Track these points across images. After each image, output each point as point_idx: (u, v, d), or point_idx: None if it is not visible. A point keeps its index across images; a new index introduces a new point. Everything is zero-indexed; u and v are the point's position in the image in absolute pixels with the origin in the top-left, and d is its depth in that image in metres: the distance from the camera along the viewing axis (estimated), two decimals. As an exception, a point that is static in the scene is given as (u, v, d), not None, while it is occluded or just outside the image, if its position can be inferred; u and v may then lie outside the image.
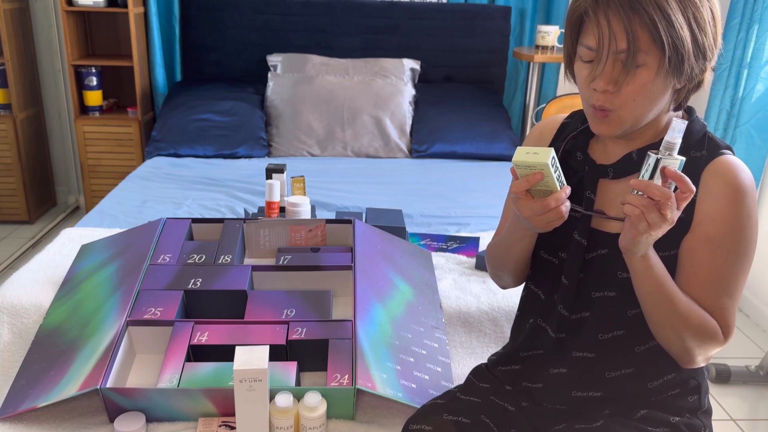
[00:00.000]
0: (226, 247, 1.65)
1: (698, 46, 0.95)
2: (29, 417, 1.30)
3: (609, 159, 1.10)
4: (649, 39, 0.93)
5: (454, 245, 1.94)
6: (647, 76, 0.95)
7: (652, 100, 0.98)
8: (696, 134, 1.05)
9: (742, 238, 1.00)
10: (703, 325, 1.01)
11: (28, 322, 1.53)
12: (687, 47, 0.93)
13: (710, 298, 1.02)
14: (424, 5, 3.36)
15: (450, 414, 1.13)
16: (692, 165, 1.02)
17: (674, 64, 0.94)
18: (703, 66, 0.98)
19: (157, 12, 3.32)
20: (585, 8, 0.97)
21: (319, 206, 2.32)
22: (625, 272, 1.05)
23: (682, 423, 1.08)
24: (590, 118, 1.04)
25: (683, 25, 0.92)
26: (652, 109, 0.99)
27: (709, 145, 1.03)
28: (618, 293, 1.07)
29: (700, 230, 1.01)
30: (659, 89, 0.97)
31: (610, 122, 1.00)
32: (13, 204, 3.32)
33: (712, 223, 1.00)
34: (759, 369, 2.31)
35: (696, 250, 1.02)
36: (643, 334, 1.08)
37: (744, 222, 0.99)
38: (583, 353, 1.11)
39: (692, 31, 0.94)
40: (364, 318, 1.41)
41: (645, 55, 0.94)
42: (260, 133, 3.07)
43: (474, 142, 3.06)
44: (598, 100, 0.99)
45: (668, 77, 0.96)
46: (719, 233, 1.00)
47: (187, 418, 1.29)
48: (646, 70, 0.95)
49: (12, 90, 3.16)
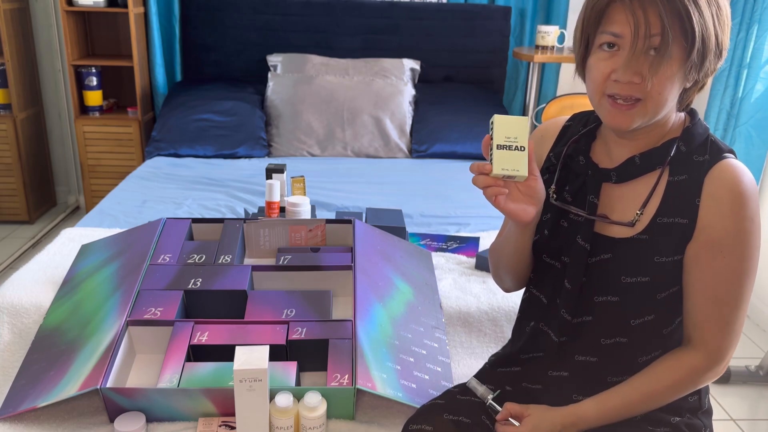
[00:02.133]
0: (226, 247, 1.65)
1: (718, 44, 0.95)
2: (29, 417, 1.30)
3: (612, 163, 1.09)
4: (679, 30, 0.92)
5: (454, 245, 1.94)
6: (674, 68, 0.94)
7: (673, 93, 0.97)
8: (698, 137, 1.04)
9: (744, 244, 0.99)
10: (678, 383, 1.05)
11: (28, 322, 1.53)
12: (712, 42, 0.94)
13: (709, 309, 1.02)
14: (424, 5, 3.36)
15: (450, 414, 1.13)
16: (695, 169, 1.02)
17: (699, 58, 0.94)
18: (716, 65, 0.98)
19: (157, 12, 3.32)
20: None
21: (319, 206, 2.32)
22: (629, 277, 1.04)
23: (682, 423, 1.08)
24: (605, 110, 1.00)
25: (710, 18, 0.92)
26: (670, 104, 0.98)
27: (712, 148, 1.02)
28: (621, 298, 1.06)
29: (703, 236, 1.00)
30: (677, 85, 0.96)
31: (632, 114, 0.97)
32: (13, 204, 3.32)
33: (714, 229, 0.99)
34: (759, 369, 2.31)
35: (699, 256, 1.01)
36: (646, 345, 1.08)
37: (746, 227, 0.98)
38: (585, 357, 1.11)
39: (715, 26, 0.94)
40: (364, 318, 1.41)
41: (674, 46, 0.93)
42: (260, 133, 3.07)
43: (474, 142, 3.06)
44: (622, 89, 0.96)
45: (689, 72, 0.95)
46: (721, 238, 0.99)
47: (187, 418, 1.29)
48: (673, 61, 0.94)
49: (12, 90, 3.16)
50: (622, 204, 1.07)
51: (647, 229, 1.03)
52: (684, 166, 1.03)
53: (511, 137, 0.98)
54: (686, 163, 1.03)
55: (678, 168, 1.03)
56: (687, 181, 1.02)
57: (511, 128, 0.98)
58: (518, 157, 0.97)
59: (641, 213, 1.04)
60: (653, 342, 1.08)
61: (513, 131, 0.98)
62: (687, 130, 1.04)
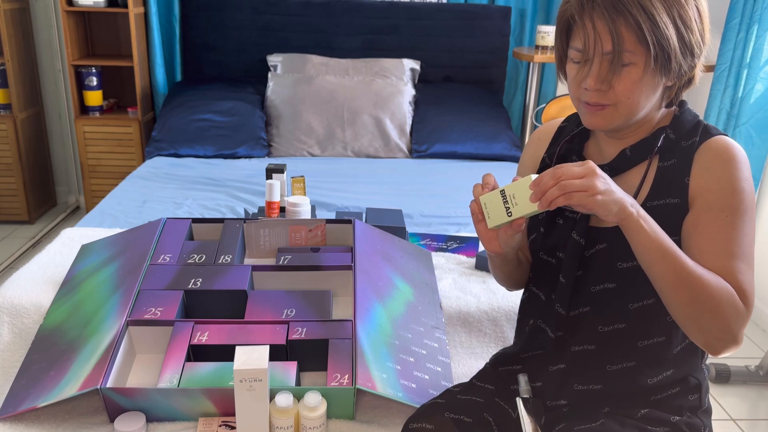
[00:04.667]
0: (226, 247, 1.65)
1: (685, 44, 0.97)
2: (29, 417, 1.30)
3: (604, 159, 1.12)
4: (634, 39, 0.95)
5: (454, 245, 1.94)
6: (636, 74, 0.98)
7: (645, 96, 1.00)
8: (687, 125, 1.06)
9: (741, 199, 0.99)
10: (718, 288, 0.94)
11: (29, 322, 1.53)
12: (673, 45, 0.96)
13: (722, 263, 0.98)
14: (424, 5, 3.36)
15: (451, 413, 1.13)
16: (684, 153, 1.04)
17: (661, 62, 0.97)
18: (692, 63, 1.00)
19: (157, 12, 3.32)
20: (571, 13, 1.00)
21: (319, 206, 2.32)
22: (625, 262, 1.05)
23: (682, 422, 1.09)
24: (582, 114, 1.06)
25: (668, 24, 0.95)
26: (645, 105, 1.02)
27: (702, 131, 1.05)
28: (618, 284, 1.07)
29: (699, 202, 1.01)
30: (649, 86, 0.99)
31: (605, 115, 1.03)
32: (13, 204, 3.32)
33: (710, 192, 1.00)
34: (759, 369, 2.31)
35: (699, 222, 1.01)
36: (645, 329, 1.08)
37: (741, 185, 0.99)
38: (582, 346, 1.12)
39: (678, 29, 0.96)
40: (364, 318, 1.41)
41: (631, 55, 0.96)
42: (260, 133, 3.07)
43: (474, 142, 3.07)
44: (592, 97, 1.01)
45: (656, 75, 0.98)
46: (718, 199, 1.00)
47: (188, 418, 1.29)
48: (634, 68, 0.97)
49: (12, 90, 3.16)
50: None
51: None
52: (673, 152, 1.05)
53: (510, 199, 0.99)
54: (675, 149, 1.05)
55: (667, 154, 1.06)
56: (675, 165, 1.04)
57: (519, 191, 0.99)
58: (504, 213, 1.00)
59: None
60: (654, 326, 1.08)
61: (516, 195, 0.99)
62: (676, 118, 1.07)
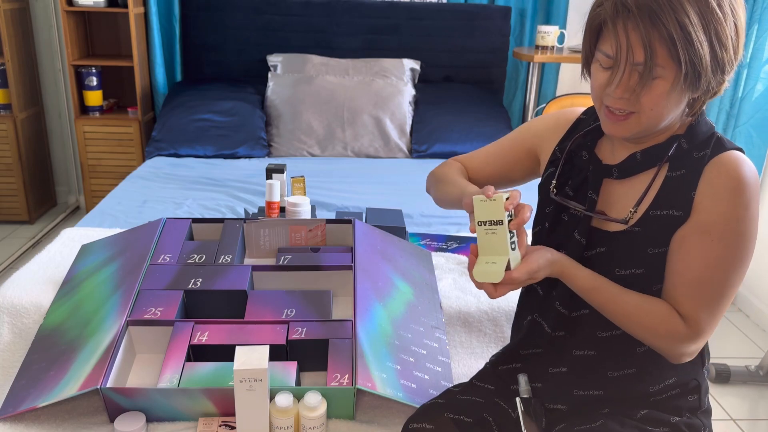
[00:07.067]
0: (226, 247, 1.65)
1: (717, 63, 0.93)
2: (29, 417, 1.30)
3: (615, 159, 1.09)
4: (666, 54, 0.91)
5: (454, 245, 1.94)
6: (663, 87, 0.94)
7: (668, 109, 0.97)
8: (702, 135, 1.03)
9: (736, 232, 0.97)
10: (649, 313, 1.01)
11: (28, 322, 1.53)
12: (705, 64, 0.92)
13: (691, 288, 0.99)
14: (424, 5, 3.36)
15: (451, 413, 1.13)
16: (694, 164, 1.01)
17: (690, 80, 0.93)
18: (721, 79, 0.97)
19: (157, 12, 3.32)
20: (605, 17, 0.95)
21: (319, 206, 2.32)
22: (623, 269, 1.05)
23: (682, 423, 1.09)
24: (603, 120, 1.03)
25: (703, 42, 0.91)
26: (667, 117, 0.99)
27: (715, 144, 1.01)
28: None
29: (694, 219, 0.99)
30: (675, 100, 0.96)
31: (626, 125, 1.00)
32: (13, 204, 3.32)
33: (707, 211, 0.98)
34: (759, 369, 2.31)
35: (687, 239, 1.00)
36: None
37: (741, 213, 0.96)
38: (583, 351, 1.11)
39: (712, 47, 0.92)
40: (364, 318, 1.41)
41: (662, 69, 0.93)
42: (260, 133, 3.07)
43: (474, 142, 3.06)
44: (615, 103, 0.98)
45: (684, 90, 0.95)
46: (712, 222, 0.97)
47: (188, 418, 1.29)
48: (662, 81, 0.94)
49: (12, 90, 3.16)
50: (621, 200, 1.07)
51: (640, 222, 1.04)
52: (683, 162, 1.02)
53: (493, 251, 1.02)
54: (686, 159, 1.02)
55: (677, 164, 1.03)
56: (684, 176, 1.02)
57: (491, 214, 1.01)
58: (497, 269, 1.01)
59: (635, 210, 1.04)
60: None
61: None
62: (691, 127, 1.04)
